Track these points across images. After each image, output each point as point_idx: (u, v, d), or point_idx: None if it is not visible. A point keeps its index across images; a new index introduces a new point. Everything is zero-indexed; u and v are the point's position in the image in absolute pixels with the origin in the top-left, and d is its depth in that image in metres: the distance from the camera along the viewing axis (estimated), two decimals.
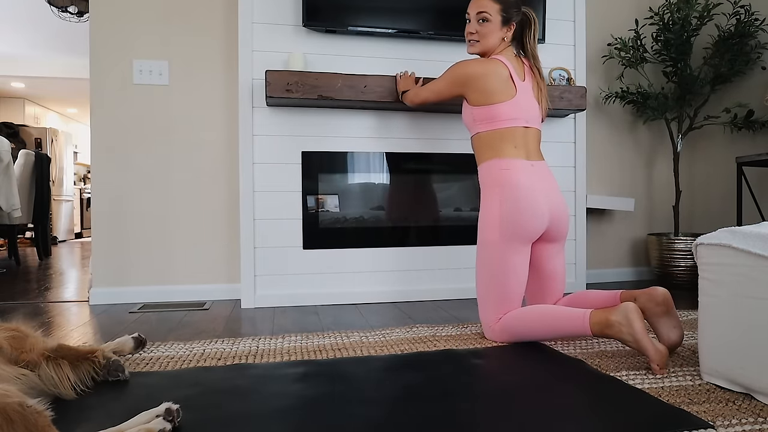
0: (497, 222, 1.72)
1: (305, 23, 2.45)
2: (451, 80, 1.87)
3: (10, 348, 1.16)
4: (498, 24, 1.81)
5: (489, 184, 1.78)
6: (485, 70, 1.79)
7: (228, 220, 2.67)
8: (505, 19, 1.81)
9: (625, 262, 3.21)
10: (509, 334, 1.68)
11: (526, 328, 1.65)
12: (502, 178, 1.75)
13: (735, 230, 1.27)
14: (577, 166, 2.82)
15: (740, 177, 2.70)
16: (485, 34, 1.82)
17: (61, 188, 7.13)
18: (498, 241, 1.72)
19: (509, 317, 1.68)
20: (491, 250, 1.73)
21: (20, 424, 0.83)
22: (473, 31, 1.83)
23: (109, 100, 2.56)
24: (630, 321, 1.41)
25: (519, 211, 1.70)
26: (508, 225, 1.71)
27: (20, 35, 5.67)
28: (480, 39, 1.83)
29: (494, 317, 1.72)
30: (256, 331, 1.95)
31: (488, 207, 1.76)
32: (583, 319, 1.52)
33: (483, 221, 1.77)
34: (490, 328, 1.73)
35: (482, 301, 1.76)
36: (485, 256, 1.75)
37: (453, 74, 1.87)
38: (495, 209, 1.74)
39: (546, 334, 1.63)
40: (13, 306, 2.51)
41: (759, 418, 1.10)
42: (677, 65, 2.88)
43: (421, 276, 2.62)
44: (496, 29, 1.81)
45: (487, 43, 1.83)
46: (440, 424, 1.08)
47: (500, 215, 1.72)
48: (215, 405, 1.18)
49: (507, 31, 1.82)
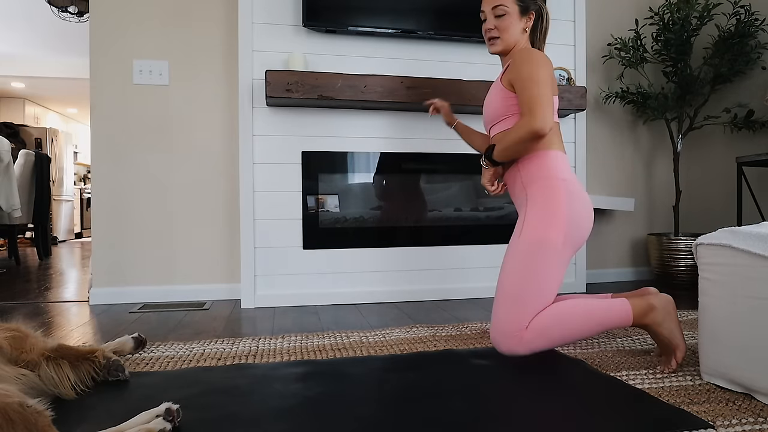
0: (564, 221, 1.51)
1: (305, 23, 2.45)
2: (550, 84, 1.57)
3: (10, 348, 1.16)
4: (517, 14, 1.66)
5: (548, 175, 1.56)
6: (550, 62, 1.63)
7: (228, 220, 2.67)
8: (523, 8, 1.67)
9: (625, 262, 3.21)
10: (546, 339, 1.47)
11: (564, 328, 1.47)
12: (566, 171, 1.58)
13: (735, 230, 1.27)
14: (577, 166, 2.82)
15: (740, 177, 2.70)
16: (505, 27, 1.66)
17: (61, 188, 7.13)
18: (563, 243, 1.51)
19: (544, 318, 1.47)
20: (551, 253, 1.50)
21: (20, 424, 0.83)
22: (492, 27, 1.68)
23: (109, 100, 2.56)
24: (669, 310, 1.44)
25: (584, 215, 1.55)
26: (574, 227, 1.53)
27: (20, 35, 5.67)
28: (501, 34, 1.67)
29: (524, 323, 1.47)
30: (256, 331, 1.95)
31: (552, 202, 1.53)
32: (624, 307, 1.45)
33: (544, 217, 1.52)
34: (517, 335, 1.47)
35: (512, 305, 1.49)
36: (538, 257, 1.50)
37: (548, 78, 1.56)
38: (562, 206, 1.52)
39: (585, 331, 1.49)
40: (13, 306, 2.51)
41: (759, 418, 1.10)
42: (677, 65, 2.88)
43: (421, 276, 2.62)
44: (516, 21, 1.66)
45: (509, 38, 1.68)
46: (440, 424, 1.08)
47: (568, 214, 1.52)
48: (215, 405, 1.18)
49: (527, 21, 1.68)
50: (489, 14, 1.68)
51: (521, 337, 1.47)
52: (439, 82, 2.48)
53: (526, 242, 1.52)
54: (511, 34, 1.67)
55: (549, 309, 1.48)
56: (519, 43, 1.69)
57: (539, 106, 1.51)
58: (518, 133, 1.53)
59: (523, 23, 1.68)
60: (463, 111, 2.62)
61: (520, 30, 1.68)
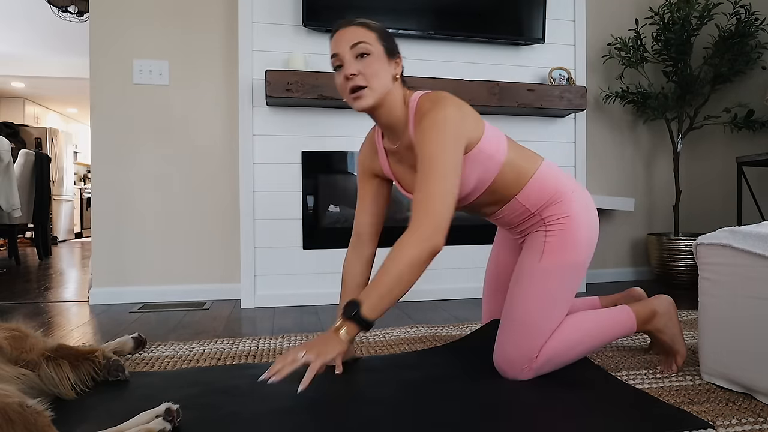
0: (586, 235, 1.33)
1: (305, 23, 2.45)
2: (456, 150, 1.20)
3: (10, 348, 1.16)
4: (383, 57, 1.25)
5: (559, 189, 1.34)
6: (461, 109, 1.25)
7: (228, 220, 2.67)
8: (389, 50, 1.27)
9: (625, 262, 3.21)
10: (553, 365, 1.32)
11: (573, 351, 1.33)
12: (567, 179, 1.38)
13: (735, 230, 1.27)
14: (577, 166, 2.82)
15: (740, 177, 2.70)
16: (373, 72, 1.23)
17: (61, 188, 7.13)
18: (586, 261, 1.34)
19: (553, 344, 1.30)
20: (578, 276, 1.32)
21: (20, 424, 0.83)
22: (355, 73, 1.22)
23: (109, 100, 2.56)
24: (671, 314, 1.42)
25: (596, 219, 1.39)
26: (594, 237, 1.36)
27: (20, 35, 5.67)
28: (369, 82, 1.23)
29: (534, 353, 1.29)
30: (256, 331, 1.95)
31: (574, 221, 1.32)
32: (629, 317, 1.38)
33: (568, 239, 1.31)
34: (527, 366, 1.30)
35: (524, 334, 1.29)
36: (565, 282, 1.30)
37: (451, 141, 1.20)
38: (582, 220, 1.33)
39: (593, 349, 1.37)
40: (13, 306, 2.51)
41: (759, 418, 1.10)
42: (677, 65, 2.88)
43: (421, 276, 2.61)
44: (384, 64, 1.25)
45: (380, 85, 1.24)
46: (440, 424, 1.08)
47: (588, 225, 1.34)
48: (215, 405, 1.18)
49: (396, 67, 1.29)
50: (346, 56, 1.23)
51: (530, 367, 1.30)
52: (439, 82, 2.48)
53: (549, 268, 1.29)
54: (381, 80, 1.24)
55: (557, 334, 1.31)
56: (394, 95, 1.28)
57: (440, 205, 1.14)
58: (411, 256, 1.12)
59: (392, 69, 1.28)
60: None
61: (390, 77, 1.27)
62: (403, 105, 1.30)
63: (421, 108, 1.26)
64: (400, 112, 1.30)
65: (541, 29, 2.68)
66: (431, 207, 1.14)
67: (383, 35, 1.28)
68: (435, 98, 1.26)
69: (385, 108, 1.29)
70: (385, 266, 1.11)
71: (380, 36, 1.27)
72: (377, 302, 1.07)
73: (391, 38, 1.30)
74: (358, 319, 1.08)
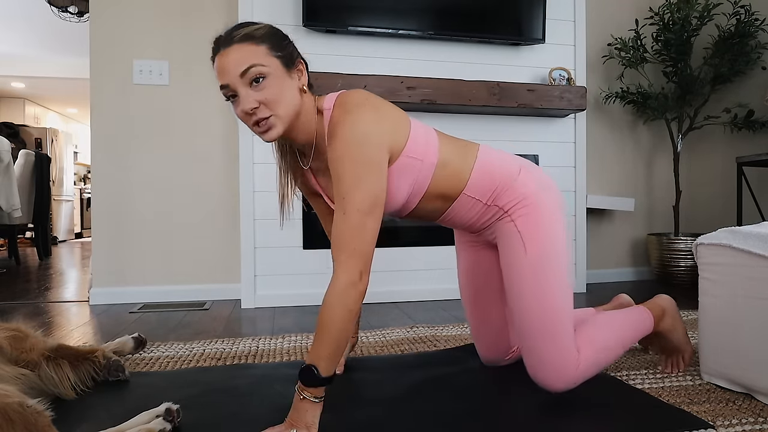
0: (553, 205, 1.23)
1: (305, 23, 2.45)
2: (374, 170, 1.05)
3: (10, 348, 1.16)
4: (282, 72, 1.07)
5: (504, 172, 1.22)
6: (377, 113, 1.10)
7: (228, 220, 2.67)
8: (286, 59, 1.08)
9: (625, 262, 3.21)
10: (596, 367, 1.21)
11: (609, 350, 1.23)
12: (512, 160, 1.26)
13: (735, 230, 1.27)
14: (577, 166, 2.82)
15: (740, 177, 2.70)
16: (275, 99, 1.05)
17: (61, 188, 7.13)
18: (565, 230, 1.23)
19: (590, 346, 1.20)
20: (563, 248, 1.21)
21: (20, 424, 0.83)
22: (255, 105, 1.04)
23: (109, 100, 2.56)
24: (677, 312, 1.41)
25: (549, 181, 1.28)
26: (561, 204, 1.26)
27: (20, 35, 5.67)
28: (272, 110, 1.05)
29: (573, 348, 1.17)
30: (256, 331, 1.95)
31: (534, 194, 1.21)
32: (648, 316, 1.34)
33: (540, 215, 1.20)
34: (571, 371, 1.15)
35: (551, 339, 1.16)
36: (559, 264, 1.19)
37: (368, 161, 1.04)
38: (542, 194, 1.22)
39: (623, 344, 1.27)
40: (13, 306, 2.51)
41: (759, 418, 1.10)
42: (677, 65, 2.88)
43: (421, 276, 2.62)
44: (285, 81, 1.07)
45: (286, 111, 1.07)
46: (440, 424, 1.08)
47: (550, 196, 1.23)
48: (215, 405, 1.18)
49: (300, 75, 1.12)
50: (239, 87, 1.04)
51: (576, 373, 1.16)
52: (439, 82, 2.48)
53: (538, 256, 1.17)
54: (287, 102, 1.07)
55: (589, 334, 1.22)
56: (305, 110, 1.12)
57: (360, 243, 1.01)
58: (344, 308, 0.99)
59: (296, 81, 1.10)
60: (463, 111, 2.62)
61: (296, 93, 1.09)
62: (317, 116, 1.14)
63: (333, 119, 1.09)
64: (315, 125, 1.14)
65: (541, 29, 2.68)
66: (352, 246, 1.00)
67: (275, 42, 1.07)
68: (346, 105, 1.09)
69: (299, 128, 1.13)
70: (325, 323, 0.99)
71: (272, 46, 1.06)
72: (330, 362, 0.99)
73: (284, 42, 1.09)
74: (321, 381, 0.99)
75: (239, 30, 1.06)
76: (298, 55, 1.13)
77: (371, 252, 1.03)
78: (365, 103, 1.09)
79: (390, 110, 1.14)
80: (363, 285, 1.01)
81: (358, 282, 1.00)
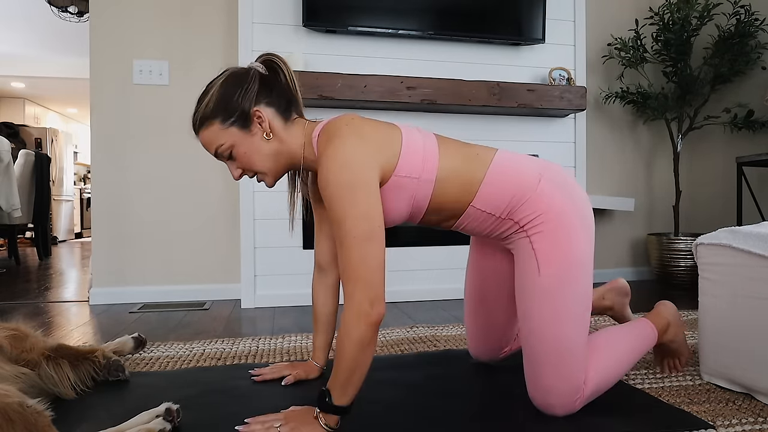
0: (576, 220, 1.13)
1: (305, 23, 2.45)
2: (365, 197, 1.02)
3: (10, 347, 1.16)
4: (242, 137, 1.12)
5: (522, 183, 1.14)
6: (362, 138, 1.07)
7: (228, 220, 2.67)
8: (240, 121, 1.12)
9: (625, 262, 3.21)
10: (597, 390, 1.15)
11: (613, 372, 1.18)
12: (531, 165, 1.18)
13: (735, 230, 1.27)
14: (577, 166, 2.82)
15: (740, 177, 2.70)
16: (249, 161, 1.14)
17: (61, 188, 7.13)
18: (589, 248, 1.14)
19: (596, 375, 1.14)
20: (584, 269, 1.12)
21: (20, 424, 0.83)
22: (239, 170, 1.17)
23: (109, 100, 2.56)
24: (679, 321, 1.38)
25: (582, 194, 1.20)
26: (586, 217, 1.16)
27: (20, 35, 5.67)
28: (255, 168, 1.15)
29: (582, 376, 1.11)
30: (256, 331, 1.95)
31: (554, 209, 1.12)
32: (653, 333, 1.29)
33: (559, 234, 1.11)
34: (575, 402, 1.11)
35: (568, 358, 1.09)
36: (578, 285, 1.11)
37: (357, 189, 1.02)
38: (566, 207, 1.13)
39: (628, 367, 1.22)
40: (13, 306, 2.51)
41: (759, 418, 1.10)
42: (677, 65, 2.88)
43: (421, 276, 2.62)
44: (249, 141, 1.13)
45: (262, 162, 1.14)
46: (440, 424, 1.08)
47: (574, 208, 1.14)
48: (215, 405, 1.18)
49: (258, 125, 1.13)
50: (221, 160, 1.18)
51: (582, 396, 1.12)
52: (439, 82, 2.48)
53: (553, 279, 1.09)
54: (260, 157, 1.14)
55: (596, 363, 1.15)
56: (287, 146, 1.15)
57: (365, 272, 0.99)
58: (358, 338, 0.97)
59: (258, 134, 1.13)
60: (463, 111, 2.62)
61: (263, 145, 1.14)
62: (307, 143, 1.16)
63: (318, 147, 1.11)
64: (308, 151, 1.16)
65: (540, 29, 2.68)
66: (360, 275, 0.99)
67: (224, 109, 1.12)
68: (329, 133, 1.09)
69: (291, 163, 1.18)
70: (338, 352, 0.99)
71: (223, 117, 1.12)
72: (343, 391, 0.99)
73: (233, 100, 1.11)
74: (333, 409, 0.99)
75: (197, 113, 1.17)
76: (250, 104, 1.12)
77: (380, 278, 1.00)
78: (346, 129, 1.07)
79: (375, 131, 1.10)
80: (376, 315, 0.97)
81: (369, 312, 0.97)
